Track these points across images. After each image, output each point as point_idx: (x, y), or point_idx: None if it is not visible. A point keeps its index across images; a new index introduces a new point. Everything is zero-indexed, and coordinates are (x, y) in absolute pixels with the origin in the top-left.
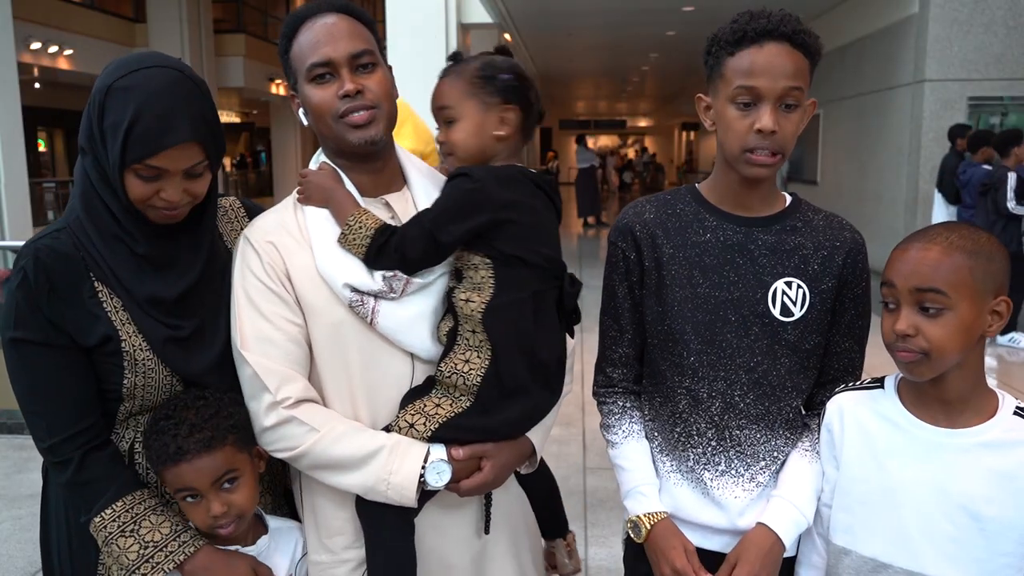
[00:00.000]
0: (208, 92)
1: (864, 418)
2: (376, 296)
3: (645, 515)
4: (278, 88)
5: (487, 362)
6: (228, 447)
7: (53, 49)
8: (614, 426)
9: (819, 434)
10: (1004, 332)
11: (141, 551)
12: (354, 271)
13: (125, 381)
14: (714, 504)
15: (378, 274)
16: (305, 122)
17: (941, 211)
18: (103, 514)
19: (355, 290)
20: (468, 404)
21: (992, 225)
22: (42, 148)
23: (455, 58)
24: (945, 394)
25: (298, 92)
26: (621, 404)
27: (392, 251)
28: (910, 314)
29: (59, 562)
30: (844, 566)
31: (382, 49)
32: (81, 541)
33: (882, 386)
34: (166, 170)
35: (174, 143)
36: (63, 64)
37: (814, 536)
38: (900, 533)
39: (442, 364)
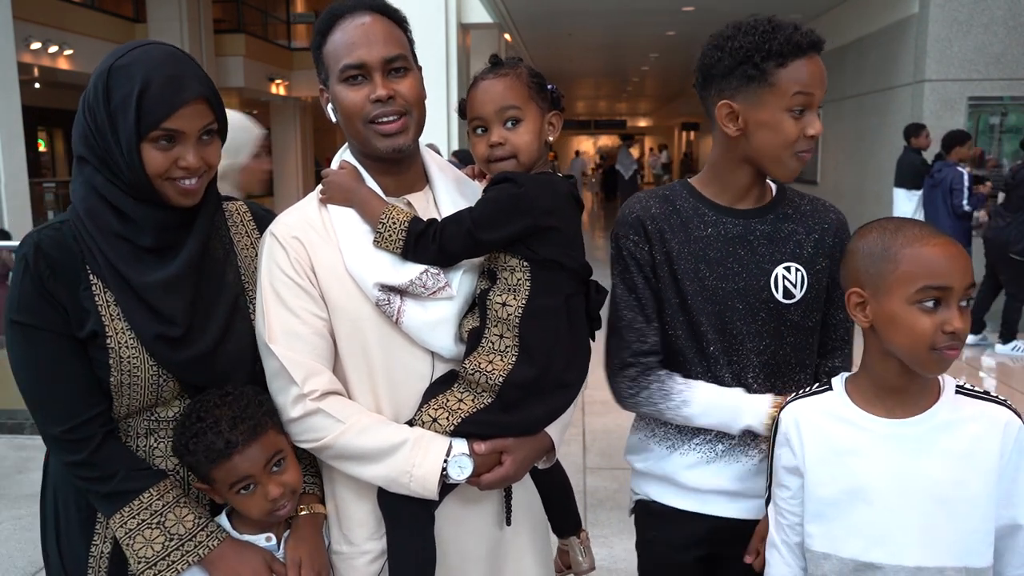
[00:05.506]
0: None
1: (821, 422)
2: (404, 294)
3: (773, 407)
4: (278, 88)
5: (510, 365)
6: (271, 431)
7: (53, 49)
8: (667, 384)
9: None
10: (1006, 341)
11: (166, 543)
12: (385, 269)
13: (111, 379)
14: (727, 468)
15: (413, 269)
16: (334, 119)
17: (906, 206)
18: (125, 509)
19: (384, 289)
20: (490, 401)
21: (948, 220)
22: (42, 148)
23: (498, 61)
24: (915, 384)
25: (328, 89)
26: (659, 373)
27: (430, 241)
28: (961, 311)
29: (55, 557)
30: (825, 571)
31: (413, 49)
32: (70, 535)
33: (831, 388)
34: (182, 132)
35: (188, 99)
36: (63, 64)
37: (777, 545)
38: (875, 529)
39: (466, 362)
